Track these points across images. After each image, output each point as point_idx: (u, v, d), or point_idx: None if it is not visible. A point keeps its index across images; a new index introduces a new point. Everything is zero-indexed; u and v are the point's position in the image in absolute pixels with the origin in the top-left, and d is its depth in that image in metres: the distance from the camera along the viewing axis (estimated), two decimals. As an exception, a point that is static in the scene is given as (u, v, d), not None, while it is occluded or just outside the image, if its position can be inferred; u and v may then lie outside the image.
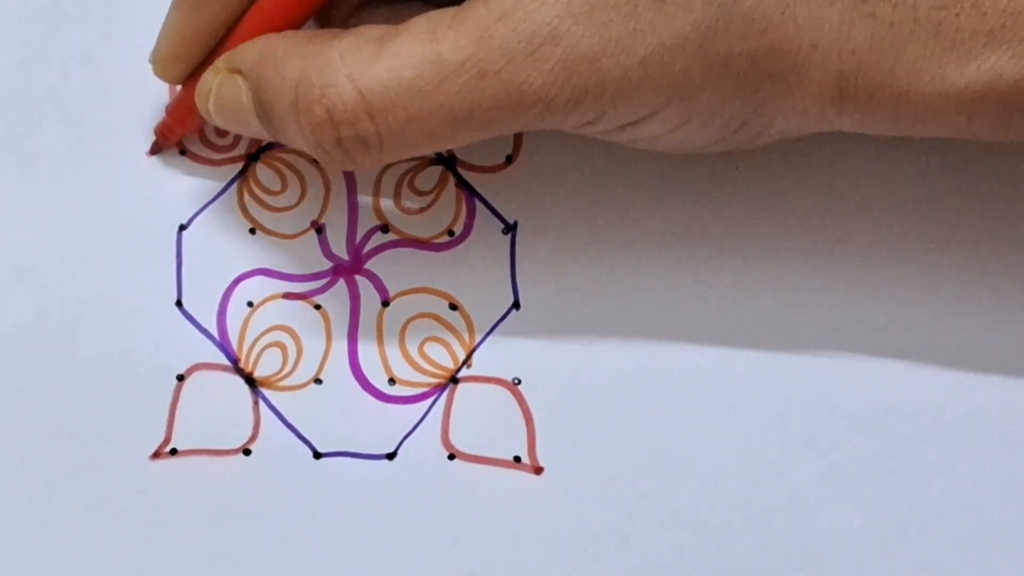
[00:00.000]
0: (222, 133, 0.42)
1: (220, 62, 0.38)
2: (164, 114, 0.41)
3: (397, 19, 0.36)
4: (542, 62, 0.33)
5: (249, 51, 0.37)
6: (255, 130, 0.37)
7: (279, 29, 0.37)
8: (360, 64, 0.34)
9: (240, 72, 0.37)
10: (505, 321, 0.40)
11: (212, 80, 0.38)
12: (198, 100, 0.38)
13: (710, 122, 0.35)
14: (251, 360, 0.40)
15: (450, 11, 0.35)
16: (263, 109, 0.36)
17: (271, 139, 0.37)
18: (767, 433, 0.40)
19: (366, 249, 0.41)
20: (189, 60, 0.39)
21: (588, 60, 0.33)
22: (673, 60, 0.34)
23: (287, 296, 0.41)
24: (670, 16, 0.33)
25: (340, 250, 0.41)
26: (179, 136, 0.41)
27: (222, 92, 0.37)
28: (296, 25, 0.38)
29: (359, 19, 0.38)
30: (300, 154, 0.42)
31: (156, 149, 0.41)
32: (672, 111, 0.35)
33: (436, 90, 0.34)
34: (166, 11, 0.39)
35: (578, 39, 0.33)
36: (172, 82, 0.40)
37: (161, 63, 0.39)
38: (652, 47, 0.33)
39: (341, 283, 0.41)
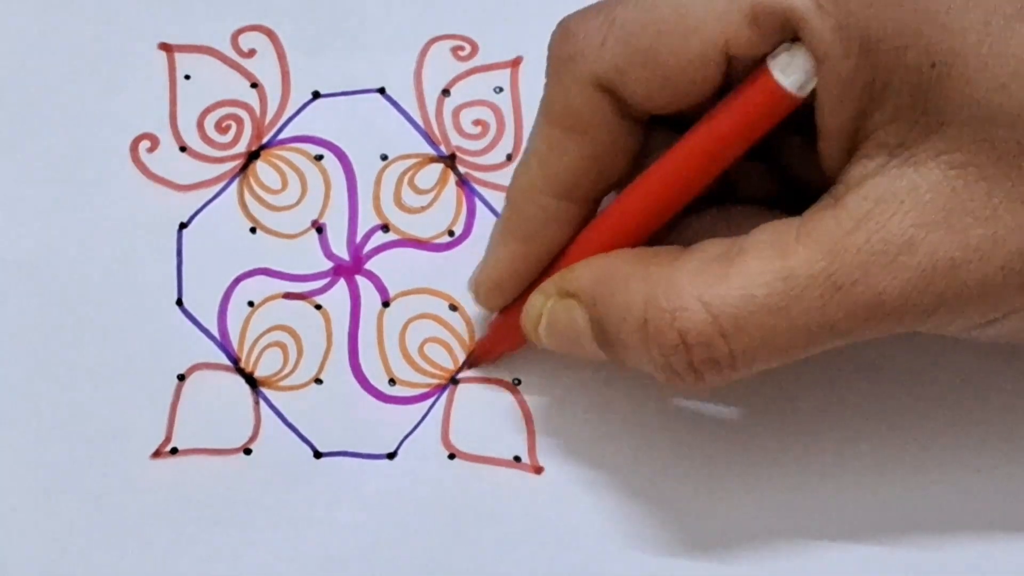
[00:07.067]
0: (223, 130, 0.42)
1: (550, 285, 0.37)
2: (487, 332, 0.40)
3: (728, 223, 0.35)
4: (899, 272, 0.32)
5: (583, 274, 0.36)
6: (590, 352, 0.36)
7: (609, 249, 0.36)
8: (709, 286, 0.33)
9: (574, 296, 0.36)
10: (505, 322, 0.40)
11: (542, 304, 0.37)
12: (526, 323, 0.37)
13: None
14: (252, 360, 0.40)
15: (795, 223, 0.33)
16: (603, 333, 0.35)
17: (607, 360, 0.36)
18: (766, 432, 0.40)
19: (366, 249, 0.41)
20: (515, 290, 0.38)
21: (946, 268, 0.32)
22: None
23: (287, 296, 0.41)
24: None
25: (341, 250, 0.41)
26: (497, 356, 0.40)
27: (555, 316, 0.36)
28: (630, 245, 0.36)
29: (688, 227, 0.37)
30: (300, 153, 0.42)
31: (470, 365, 0.40)
32: None
33: (789, 306, 0.32)
34: (488, 242, 0.38)
35: (935, 247, 0.32)
36: (494, 310, 0.39)
37: (487, 294, 0.38)
38: (1013, 252, 0.32)
39: (341, 283, 0.41)
